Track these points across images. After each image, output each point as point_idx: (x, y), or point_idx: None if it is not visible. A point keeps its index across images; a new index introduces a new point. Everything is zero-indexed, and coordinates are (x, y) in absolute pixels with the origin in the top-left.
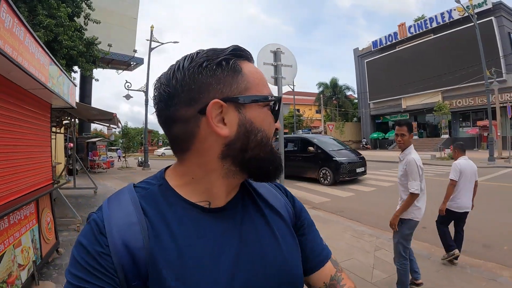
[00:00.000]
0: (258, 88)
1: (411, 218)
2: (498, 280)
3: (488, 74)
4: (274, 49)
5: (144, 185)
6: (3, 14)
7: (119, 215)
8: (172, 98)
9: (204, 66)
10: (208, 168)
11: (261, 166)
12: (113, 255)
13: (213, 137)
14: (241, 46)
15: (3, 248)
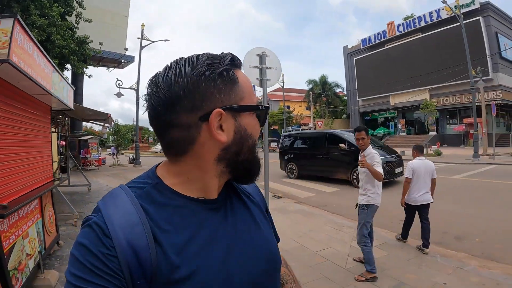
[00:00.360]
0: (250, 97)
1: (374, 203)
2: (465, 269)
3: (474, 73)
4: (260, 52)
5: (138, 184)
6: (16, 34)
7: (120, 216)
8: (174, 104)
9: (207, 75)
10: (204, 169)
11: (249, 168)
12: (120, 256)
13: (212, 143)
14: (235, 55)
15: (14, 238)
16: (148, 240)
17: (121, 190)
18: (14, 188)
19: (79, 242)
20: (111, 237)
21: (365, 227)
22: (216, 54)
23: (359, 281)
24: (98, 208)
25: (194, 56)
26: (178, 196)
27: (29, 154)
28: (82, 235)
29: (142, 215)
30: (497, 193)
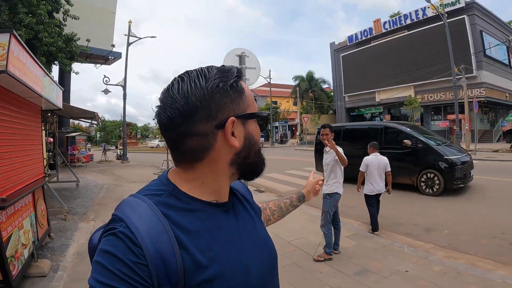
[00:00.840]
0: (254, 106)
1: (337, 192)
2: (430, 258)
3: (456, 71)
4: (239, 53)
5: (153, 192)
6: (12, 46)
7: (146, 225)
8: (192, 115)
9: (221, 87)
10: (218, 173)
11: (256, 168)
12: (150, 264)
13: (227, 148)
14: (238, 68)
15: (11, 229)
16: (174, 247)
17: (136, 199)
18: (11, 183)
19: (105, 250)
20: (140, 246)
21: (329, 214)
22: (222, 67)
23: (317, 261)
24: (119, 217)
25: (204, 69)
26: (195, 201)
27: (23, 151)
28: (107, 243)
29: (165, 222)
30: (474, 187)
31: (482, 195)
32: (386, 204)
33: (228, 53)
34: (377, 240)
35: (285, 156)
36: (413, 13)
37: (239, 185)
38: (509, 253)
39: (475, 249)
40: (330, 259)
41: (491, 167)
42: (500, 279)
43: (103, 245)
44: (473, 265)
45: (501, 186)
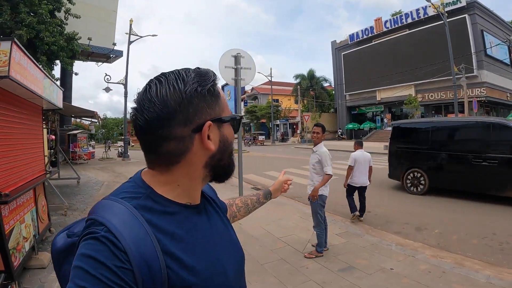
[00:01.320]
0: (228, 109)
1: (323, 193)
2: (417, 257)
3: (456, 70)
4: (235, 53)
5: (130, 194)
6: (14, 52)
7: (128, 229)
8: (170, 118)
9: (199, 92)
10: (193, 176)
11: (228, 170)
12: (135, 269)
13: (202, 151)
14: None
15: (13, 223)
16: (157, 251)
17: (114, 202)
18: (13, 179)
19: (87, 254)
20: (125, 251)
21: (319, 215)
22: (199, 70)
23: (308, 258)
24: (98, 222)
25: (182, 72)
26: (172, 204)
27: (25, 150)
28: (88, 247)
29: (146, 226)
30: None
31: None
32: (379, 203)
33: (223, 53)
34: (366, 238)
35: (285, 154)
36: (414, 12)
37: (205, 186)
38: (498, 254)
39: (464, 249)
40: (321, 256)
41: None
42: (485, 279)
43: (84, 249)
44: (460, 265)
45: None
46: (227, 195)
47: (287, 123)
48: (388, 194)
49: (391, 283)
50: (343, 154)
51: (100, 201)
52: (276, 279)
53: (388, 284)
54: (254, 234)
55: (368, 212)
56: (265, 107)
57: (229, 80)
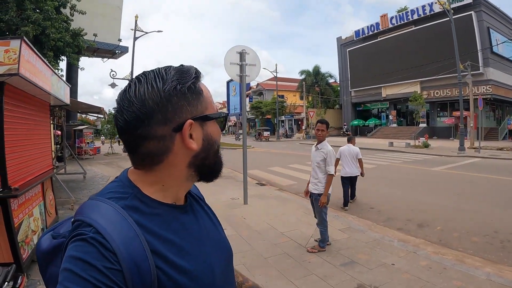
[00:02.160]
0: (212, 106)
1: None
2: (418, 253)
3: (462, 68)
4: (240, 50)
5: (117, 195)
6: (23, 50)
7: (117, 229)
8: (148, 118)
9: (178, 90)
10: (177, 175)
11: (214, 169)
12: (125, 270)
13: (184, 151)
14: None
15: (22, 216)
16: (146, 252)
17: (101, 202)
18: (23, 174)
19: (76, 256)
20: (114, 252)
21: (324, 213)
22: (181, 67)
23: (310, 252)
24: (86, 223)
25: (162, 70)
26: (159, 204)
27: (33, 145)
28: (77, 249)
29: (135, 226)
30: (472, 185)
31: (479, 193)
32: (382, 200)
33: (229, 50)
34: (368, 234)
35: (290, 150)
36: (420, 9)
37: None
38: (499, 252)
39: (465, 246)
40: (324, 251)
41: (495, 165)
42: (485, 276)
43: (73, 251)
44: (461, 262)
45: (500, 185)
46: (232, 191)
47: (292, 119)
48: (391, 191)
49: (391, 278)
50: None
51: (86, 201)
52: (279, 272)
53: (388, 279)
54: (258, 229)
55: (371, 208)
56: (270, 103)
57: (234, 76)
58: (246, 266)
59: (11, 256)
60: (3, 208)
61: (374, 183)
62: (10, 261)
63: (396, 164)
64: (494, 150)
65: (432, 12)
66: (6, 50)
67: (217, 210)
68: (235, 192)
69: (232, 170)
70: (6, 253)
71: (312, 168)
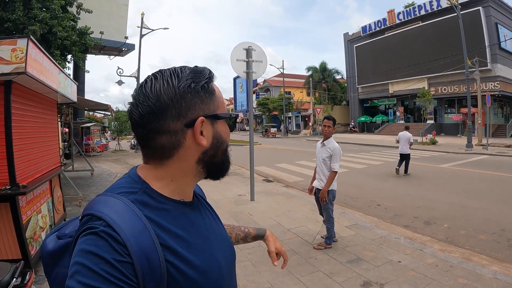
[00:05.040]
0: (223, 107)
1: (332, 188)
2: (425, 251)
3: (470, 64)
4: (246, 47)
5: (126, 189)
6: (30, 49)
7: (127, 223)
8: (162, 112)
9: (192, 87)
10: (186, 171)
11: (222, 167)
12: (135, 263)
13: (195, 147)
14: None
15: (30, 213)
16: (156, 244)
17: (110, 197)
18: (31, 171)
19: (87, 250)
20: (125, 245)
21: (331, 210)
22: (195, 68)
23: (317, 249)
24: (96, 216)
25: (178, 68)
26: (167, 199)
27: (41, 143)
28: (88, 243)
29: (145, 220)
30: (479, 182)
31: (486, 190)
32: (389, 197)
33: (235, 46)
34: (375, 231)
35: (297, 146)
36: (427, 4)
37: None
38: (506, 250)
39: (472, 244)
40: (330, 248)
41: (503, 162)
42: (491, 274)
43: (84, 245)
44: (467, 260)
45: (508, 182)
46: (239, 187)
47: (299, 115)
48: (398, 188)
49: (397, 276)
50: (355, 147)
51: (96, 197)
52: (285, 269)
53: (394, 277)
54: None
55: (377, 205)
56: (277, 100)
57: (241, 73)
58: (253, 262)
59: (20, 253)
60: (11, 205)
61: (381, 180)
62: (19, 257)
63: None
64: (502, 147)
65: (440, 7)
66: (13, 49)
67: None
68: (242, 189)
69: (239, 166)
70: (15, 250)
71: (317, 165)
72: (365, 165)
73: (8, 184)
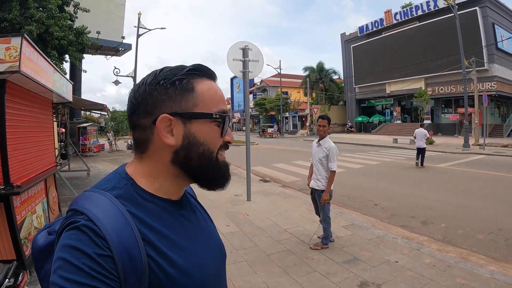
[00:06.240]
0: (206, 105)
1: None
2: (422, 250)
3: (466, 64)
4: (243, 46)
5: (111, 185)
6: (24, 48)
7: (108, 217)
8: (135, 109)
9: (160, 84)
10: (163, 170)
11: (204, 174)
12: (116, 256)
13: (163, 144)
14: (203, 65)
15: (25, 213)
16: (138, 240)
17: (94, 193)
18: (25, 171)
19: (69, 245)
20: (105, 238)
21: (327, 209)
22: (183, 66)
23: (313, 249)
24: (79, 211)
25: (162, 68)
26: (152, 197)
27: (36, 142)
28: (70, 237)
29: (127, 215)
30: (477, 182)
31: (484, 190)
32: (386, 196)
33: (231, 46)
34: (372, 231)
35: (294, 146)
36: (424, 4)
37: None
38: (503, 250)
39: (470, 244)
40: (327, 248)
41: (499, 162)
42: (489, 274)
43: (66, 240)
44: (465, 259)
45: (505, 182)
46: (236, 188)
47: (296, 115)
48: (395, 187)
49: (395, 276)
50: (352, 147)
51: (82, 193)
52: (281, 269)
53: (392, 277)
54: (260, 225)
55: (374, 205)
56: (274, 100)
57: (237, 73)
58: (249, 262)
59: (14, 253)
60: (5, 205)
61: (378, 180)
62: (13, 258)
63: (400, 160)
64: (499, 147)
65: (437, 7)
66: (7, 48)
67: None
68: (238, 189)
69: (236, 166)
70: (9, 250)
71: (313, 164)
72: (362, 165)
73: (2, 184)
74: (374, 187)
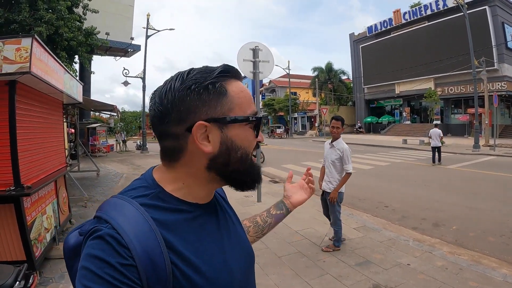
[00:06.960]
0: (241, 108)
1: (341, 191)
2: (434, 253)
3: (476, 64)
4: (253, 47)
5: (138, 193)
6: (35, 48)
7: (132, 225)
8: (165, 117)
9: (192, 89)
10: (196, 176)
11: (240, 178)
12: (139, 265)
13: (199, 152)
14: (230, 66)
15: (35, 214)
16: (161, 247)
17: (120, 200)
18: (35, 172)
19: (92, 254)
20: (128, 247)
21: (338, 213)
22: (205, 67)
23: (325, 251)
24: (103, 219)
25: (187, 70)
26: (180, 202)
27: (46, 143)
28: (94, 247)
29: (152, 222)
30: (487, 184)
31: (495, 192)
32: (397, 198)
33: (242, 46)
34: (383, 233)
35: (303, 147)
36: (433, 4)
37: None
38: None
39: (481, 246)
40: (338, 250)
41: (509, 163)
42: (501, 277)
43: (90, 249)
44: (477, 262)
45: None
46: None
47: (305, 116)
48: (405, 189)
49: (407, 279)
50: (361, 148)
51: (108, 199)
52: (293, 271)
53: (404, 280)
54: None
55: (385, 206)
56: (282, 100)
57: (247, 73)
58: (260, 265)
59: (24, 254)
60: (15, 206)
61: (388, 181)
62: (23, 259)
63: (410, 161)
64: (510, 148)
65: (446, 7)
66: (18, 49)
67: None
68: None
69: None
70: (19, 251)
71: (325, 166)
72: (371, 166)
73: (12, 185)
74: (384, 189)
